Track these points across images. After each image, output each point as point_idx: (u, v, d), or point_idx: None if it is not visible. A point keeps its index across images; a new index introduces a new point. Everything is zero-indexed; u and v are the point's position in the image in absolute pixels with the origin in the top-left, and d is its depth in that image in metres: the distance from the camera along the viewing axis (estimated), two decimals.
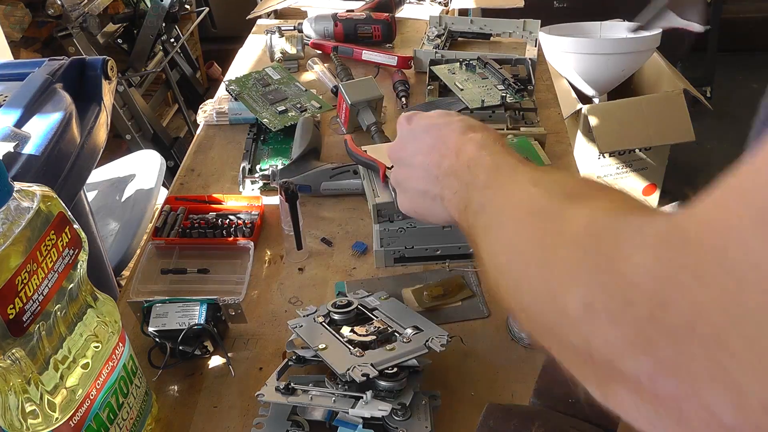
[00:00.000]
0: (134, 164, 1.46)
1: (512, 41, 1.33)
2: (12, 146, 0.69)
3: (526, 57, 1.14)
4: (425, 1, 1.55)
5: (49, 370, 0.47)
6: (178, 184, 0.97)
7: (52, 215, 0.47)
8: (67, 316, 0.49)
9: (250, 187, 0.94)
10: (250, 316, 0.71)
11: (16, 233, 0.43)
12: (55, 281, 0.47)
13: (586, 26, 2.26)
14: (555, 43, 2.09)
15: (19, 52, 1.97)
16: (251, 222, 0.84)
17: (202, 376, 0.67)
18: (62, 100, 0.77)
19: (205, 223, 0.84)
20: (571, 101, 2.04)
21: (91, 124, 0.80)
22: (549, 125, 1.04)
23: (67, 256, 0.48)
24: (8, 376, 0.45)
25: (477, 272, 0.77)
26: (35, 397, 0.46)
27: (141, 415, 0.58)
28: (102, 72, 0.83)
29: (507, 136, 0.95)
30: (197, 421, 0.62)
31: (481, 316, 0.72)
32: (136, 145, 1.99)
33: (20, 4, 1.94)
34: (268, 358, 0.68)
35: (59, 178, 0.72)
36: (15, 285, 0.42)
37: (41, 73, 0.79)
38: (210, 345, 0.67)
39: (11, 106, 0.74)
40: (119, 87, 1.92)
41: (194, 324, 0.65)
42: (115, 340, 0.53)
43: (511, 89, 1.04)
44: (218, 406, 0.64)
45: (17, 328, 0.43)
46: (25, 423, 0.46)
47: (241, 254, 0.81)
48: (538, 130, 0.97)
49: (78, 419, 0.49)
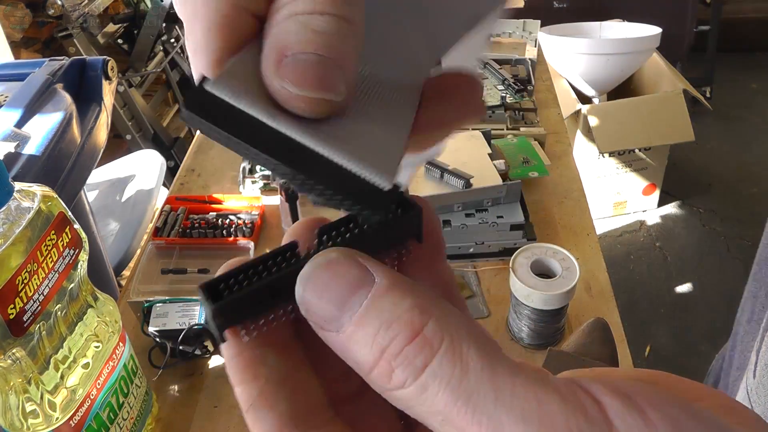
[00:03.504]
0: (134, 164, 1.46)
1: (512, 41, 1.33)
2: (12, 146, 0.69)
3: (526, 57, 1.14)
4: None
5: (50, 369, 0.47)
6: (179, 184, 0.97)
7: (53, 215, 0.47)
8: (67, 316, 0.49)
9: (250, 187, 0.94)
10: None
11: (16, 233, 0.43)
12: (56, 281, 0.47)
13: (586, 26, 2.26)
14: (555, 43, 2.09)
15: (19, 53, 1.97)
16: (251, 222, 0.84)
17: (202, 376, 0.67)
18: (62, 101, 0.77)
19: (206, 223, 0.84)
20: (571, 101, 2.04)
21: (91, 124, 0.80)
22: (549, 125, 1.04)
23: (68, 256, 0.48)
24: (9, 375, 0.45)
25: (477, 272, 0.78)
26: (36, 396, 0.46)
27: (141, 414, 0.58)
28: (102, 72, 0.83)
29: (507, 136, 0.95)
30: (197, 420, 0.63)
31: (481, 316, 0.72)
32: (136, 145, 1.99)
33: (21, 5, 1.94)
34: None
35: (60, 178, 0.72)
36: (15, 285, 0.42)
37: (42, 73, 0.79)
38: (210, 345, 0.67)
39: (12, 106, 0.74)
40: (119, 87, 1.92)
41: (194, 324, 0.65)
42: (116, 339, 0.53)
43: (511, 89, 1.04)
44: (218, 406, 0.64)
45: (18, 327, 0.43)
46: (26, 422, 0.46)
47: (242, 254, 0.81)
48: (538, 130, 0.97)
49: (78, 419, 0.49)
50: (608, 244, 2.15)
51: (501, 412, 0.15)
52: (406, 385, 0.16)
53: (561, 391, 0.16)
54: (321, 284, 0.17)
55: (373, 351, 0.17)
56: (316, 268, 0.17)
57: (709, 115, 2.63)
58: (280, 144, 0.17)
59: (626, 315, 1.86)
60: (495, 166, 0.82)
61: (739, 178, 2.36)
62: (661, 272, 2.04)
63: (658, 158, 2.15)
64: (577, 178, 0.94)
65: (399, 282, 0.17)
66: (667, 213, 2.28)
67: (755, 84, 3.00)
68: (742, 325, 0.51)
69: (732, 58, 3.07)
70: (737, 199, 2.28)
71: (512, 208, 0.80)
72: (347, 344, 0.17)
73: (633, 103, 2.05)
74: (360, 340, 0.17)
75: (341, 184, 0.17)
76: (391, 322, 0.17)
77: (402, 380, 0.16)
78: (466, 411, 0.15)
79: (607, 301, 0.74)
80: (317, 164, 0.17)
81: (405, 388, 0.16)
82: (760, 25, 3.12)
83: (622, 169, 2.15)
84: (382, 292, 0.17)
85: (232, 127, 0.17)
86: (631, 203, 2.24)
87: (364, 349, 0.17)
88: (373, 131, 0.19)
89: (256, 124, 0.17)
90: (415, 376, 0.16)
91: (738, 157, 2.50)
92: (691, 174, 2.43)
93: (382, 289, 0.17)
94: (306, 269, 0.18)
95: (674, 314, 1.88)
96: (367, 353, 0.17)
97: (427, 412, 0.16)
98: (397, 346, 0.16)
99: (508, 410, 0.15)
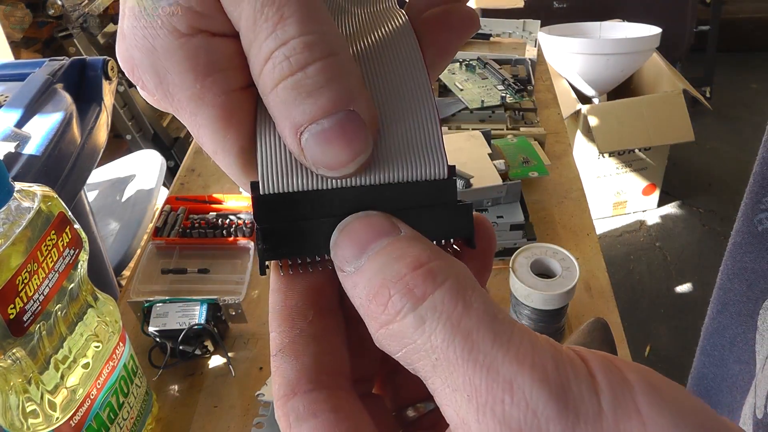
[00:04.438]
0: (134, 164, 1.46)
1: (512, 41, 1.33)
2: (13, 146, 0.69)
3: (526, 57, 1.14)
4: None
5: (50, 369, 0.47)
6: (179, 184, 0.97)
7: (53, 215, 0.47)
8: (67, 315, 0.49)
9: None
10: (250, 316, 0.71)
11: (16, 233, 0.43)
12: (56, 281, 0.47)
13: (586, 26, 2.27)
14: (555, 44, 2.09)
15: (19, 53, 1.97)
16: (251, 222, 0.84)
17: (202, 375, 0.67)
18: (63, 101, 0.77)
19: (206, 223, 0.84)
20: (571, 101, 2.04)
21: (91, 124, 0.80)
22: (549, 125, 1.04)
23: (68, 256, 0.48)
24: (9, 375, 0.45)
25: None
26: (36, 396, 0.46)
27: (141, 414, 0.58)
28: (102, 72, 0.83)
29: (507, 136, 0.95)
30: (197, 420, 0.63)
31: None
32: (136, 145, 1.99)
33: (21, 5, 1.94)
34: (268, 358, 0.68)
35: (60, 178, 0.72)
36: (16, 285, 0.42)
37: (42, 73, 0.79)
38: (210, 345, 0.67)
39: (12, 106, 0.74)
40: (120, 87, 1.92)
41: (194, 324, 0.65)
42: (116, 339, 0.53)
43: (511, 89, 1.04)
44: (218, 406, 0.64)
45: (18, 327, 0.43)
46: (26, 422, 0.46)
47: (241, 254, 0.81)
48: (537, 130, 0.97)
49: (78, 419, 0.49)
50: (608, 244, 2.15)
51: (498, 352, 0.15)
52: (402, 314, 0.16)
53: (554, 345, 0.16)
54: (352, 229, 0.18)
55: (375, 280, 0.17)
56: (353, 217, 0.18)
57: (709, 115, 2.63)
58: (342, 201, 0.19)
59: (626, 315, 1.86)
60: (495, 166, 0.82)
61: (739, 178, 2.36)
62: (661, 272, 2.04)
63: (658, 158, 2.15)
64: (577, 178, 0.94)
65: (422, 238, 0.18)
66: (667, 213, 2.28)
67: (755, 84, 3.00)
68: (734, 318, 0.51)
69: (732, 58, 3.07)
70: (737, 199, 2.27)
71: (512, 208, 0.80)
72: (356, 279, 0.17)
73: (633, 103, 2.05)
74: (367, 273, 0.17)
75: (412, 196, 0.19)
76: (400, 258, 0.17)
77: (398, 308, 0.16)
78: (463, 348, 0.15)
79: (607, 301, 0.74)
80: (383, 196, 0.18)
81: (400, 319, 0.16)
82: (760, 25, 3.12)
83: (622, 169, 2.15)
84: (402, 239, 0.17)
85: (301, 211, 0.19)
86: (631, 203, 2.24)
87: (369, 281, 0.17)
88: (405, 130, 0.19)
89: (315, 195, 0.18)
90: (413, 306, 0.16)
91: (738, 157, 2.50)
92: (691, 174, 2.43)
93: (404, 238, 0.17)
94: (345, 219, 0.18)
95: (674, 314, 1.88)
96: (369, 283, 0.17)
97: (420, 351, 0.16)
98: (398, 272, 0.16)
99: (505, 351, 0.15)
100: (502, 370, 0.15)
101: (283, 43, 0.17)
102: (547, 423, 0.15)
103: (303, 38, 0.17)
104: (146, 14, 0.18)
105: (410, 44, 0.21)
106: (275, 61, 0.17)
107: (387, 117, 0.19)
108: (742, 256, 0.48)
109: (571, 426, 0.15)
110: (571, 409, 0.15)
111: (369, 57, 0.20)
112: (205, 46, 0.18)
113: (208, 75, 0.18)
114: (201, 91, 0.18)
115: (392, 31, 0.21)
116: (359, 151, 0.17)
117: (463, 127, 0.98)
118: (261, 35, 0.17)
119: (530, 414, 0.15)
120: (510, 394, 0.15)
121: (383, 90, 0.20)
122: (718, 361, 0.52)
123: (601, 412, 0.15)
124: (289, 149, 0.18)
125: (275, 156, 0.18)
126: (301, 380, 0.18)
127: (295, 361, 0.19)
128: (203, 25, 0.18)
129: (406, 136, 0.19)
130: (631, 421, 0.15)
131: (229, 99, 0.18)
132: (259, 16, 0.17)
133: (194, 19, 0.18)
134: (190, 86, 0.18)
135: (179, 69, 0.18)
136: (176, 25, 0.18)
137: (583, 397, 0.15)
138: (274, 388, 0.19)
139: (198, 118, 0.18)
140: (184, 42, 0.18)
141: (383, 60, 0.20)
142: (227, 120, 0.18)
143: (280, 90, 0.17)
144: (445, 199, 0.19)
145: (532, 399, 0.15)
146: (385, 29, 0.21)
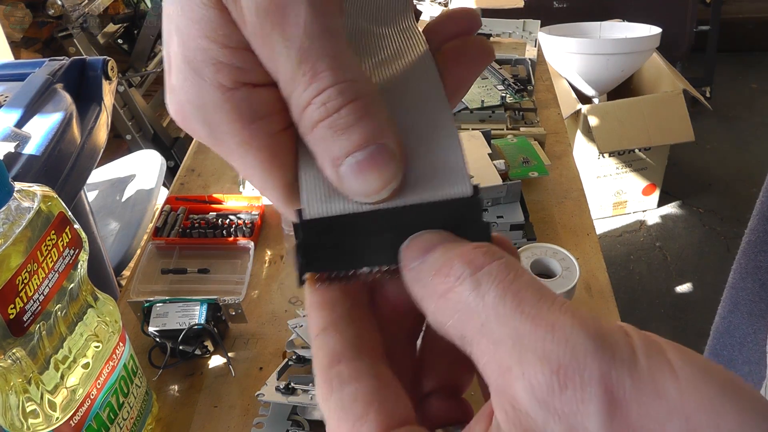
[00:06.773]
0: (134, 164, 1.46)
1: (512, 41, 1.33)
2: (13, 146, 0.69)
3: (526, 57, 1.14)
4: (425, 1, 1.56)
5: (50, 369, 0.47)
6: (179, 184, 0.97)
7: (53, 215, 0.47)
8: (67, 315, 0.49)
9: (250, 187, 0.94)
10: (250, 316, 0.71)
11: (16, 233, 0.43)
12: (56, 281, 0.47)
13: (586, 26, 2.27)
14: (555, 44, 2.09)
15: (19, 53, 1.97)
16: (251, 222, 0.84)
17: (202, 375, 0.67)
18: (63, 101, 0.77)
19: (206, 223, 0.84)
20: (571, 101, 2.04)
21: (91, 124, 0.80)
22: (549, 125, 1.04)
23: (68, 256, 0.48)
24: (9, 375, 0.45)
25: None
26: (36, 396, 0.46)
27: (141, 414, 0.58)
28: (102, 72, 0.83)
29: (507, 136, 0.95)
30: (197, 420, 0.63)
31: None
32: (136, 145, 1.99)
33: (21, 5, 1.94)
34: (268, 358, 0.68)
35: (60, 178, 0.72)
36: (15, 285, 0.42)
37: (42, 73, 0.79)
38: (210, 345, 0.67)
39: (12, 106, 0.74)
40: (119, 87, 1.92)
41: (194, 324, 0.65)
42: (116, 339, 0.53)
43: (511, 89, 1.04)
44: (218, 406, 0.64)
45: (18, 327, 0.43)
46: (26, 422, 0.46)
47: (242, 254, 0.81)
48: (538, 130, 0.97)
49: (78, 419, 0.49)
50: (608, 244, 2.15)
51: (543, 305, 0.17)
52: (461, 279, 0.18)
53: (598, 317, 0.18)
54: (421, 236, 0.20)
55: (441, 260, 0.19)
56: (423, 231, 0.20)
57: (709, 115, 2.63)
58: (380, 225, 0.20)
59: (626, 315, 1.86)
60: (495, 166, 0.82)
61: (739, 178, 2.36)
62: (661, 272, 2.04)
63: (658, 158, 2.15)
64: (577, 178, 0.94)
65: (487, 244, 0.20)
66: (667, 213, 2.28)
67: (755, 84, 3.00)
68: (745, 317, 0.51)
69: (732, 58, 3.07)
70: (737, 199, 2.28)
71: (512, 208, 0.80)
72: (422, 267, 0.19)
73: (633, 103, 2.05)
74: (432, 258, 0.19)
75: (440, 215, 0.20)
76: (462, 244, 0.19)
77: (459, 273, 0.18)
78: (513, 302, 0.17)
79: (607, 301, 0.74)
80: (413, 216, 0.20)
81: (459, 284, 0.18)
82: (760, 25, 3.12)
83: (622, 169, 2.15)
84: (460, 239, 0.20)
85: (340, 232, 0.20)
86: (631, 203, 2.24)
87: (435, 261, 0.19)
88: (431, 155, 0.21)
89: (351, 218, 0.20)
90: (472, 272, 0.18)
91: (738, 157, 2.50)
92: (691, 174, 2.43)
93: (469, 243, 0.20)
94: (418, 233, 0.20)
95: (674, 314, 1.88)
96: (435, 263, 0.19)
97: (471, 313, 0.18)
98: (461, 251, 0.19)
99: (549, 305, 0.17)
100: (546, 316, 0.17)
101: (319, 92, 0.19)
102: (585, 357, 0.16)
103: (336, 87, 0.19)
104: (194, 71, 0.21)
105: (432, 76, 0.23)
106: (314, 107, 0.20)
107: (414, 143, 0.21)
108: (756, 255, 0.48)
109: (607, 362, 0.16)
110: (608, 348, 0.16)
111: (394, 87, 0.22)
112: (248, 97, 0.21)
113: (252, 122, 0.21)
114: (248, 137, 0.21)
115: (415, 62, 0.23)
116: (390, 179, 0.20)
117: (463, 127, 0.98)
118: (300, 87, 0.20)
119: (569, 349, 0.16)
120: (552, 333, 0.16)
121: (409, 119, 0.22)
122: (728, 362, 0.52)
123: (636, 358, 0.16)
124: (328, 179, 0.20)
125: (316, 186, 0.21)
126: (345, 351, 0.20)
127: (339, 336, 0.21)
128: (245, 79, 0.20)
129: (433, 160, 0.21)
130: (664, 371, 0.16)
131: (273, 141, 0.21)
132: (297, 71, 0.20)
133: (237, 74, 0.20)
134: (237, 133, 0.21)
135: (227, 119, 0.21)
136: (221, 80, 0.20)
137: (618, 342, 0.16)
138: (316, 362, 0.20)
139: (247, 160, 0.21)
140: (229, 96, 0.21)
141: (408, 90, 0.22)
142: (272, 161, 0.21)
143: (319, 130, 0.20)
144: (471, 217, 0.20)
145: (572, 336, 0.16)
146: (408, 58, 0.23)
